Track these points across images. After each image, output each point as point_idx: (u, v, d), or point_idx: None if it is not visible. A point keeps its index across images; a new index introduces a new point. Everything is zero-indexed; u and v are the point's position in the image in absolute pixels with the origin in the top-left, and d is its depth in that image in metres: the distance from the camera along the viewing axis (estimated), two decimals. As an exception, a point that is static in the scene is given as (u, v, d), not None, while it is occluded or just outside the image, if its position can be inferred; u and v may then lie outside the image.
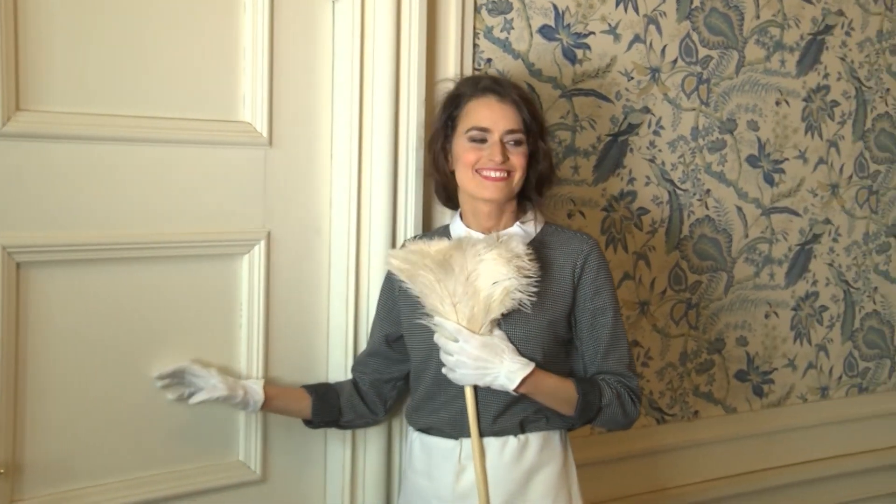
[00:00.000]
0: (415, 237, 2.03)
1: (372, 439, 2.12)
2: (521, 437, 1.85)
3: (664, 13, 2.50)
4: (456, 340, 1.76)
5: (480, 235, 1.88)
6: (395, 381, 2.04)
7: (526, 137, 1.87)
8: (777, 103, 2.75)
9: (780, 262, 2.80)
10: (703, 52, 2.59)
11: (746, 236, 2.73)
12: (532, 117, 1.88)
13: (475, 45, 2.23)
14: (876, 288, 3.01)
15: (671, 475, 2.63)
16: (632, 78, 2.47)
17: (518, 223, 1.92)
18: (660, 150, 2.54)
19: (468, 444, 1.84)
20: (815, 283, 2.87)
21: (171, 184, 1.91)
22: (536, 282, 1.79)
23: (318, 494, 2.15)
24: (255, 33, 1.97)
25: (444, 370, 1.81)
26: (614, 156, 2.46)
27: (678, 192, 2.58)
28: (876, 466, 3.01)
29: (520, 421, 1.85)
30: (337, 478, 2.13)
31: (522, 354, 1.79)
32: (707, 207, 2.64)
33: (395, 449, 2.14)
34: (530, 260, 1.79)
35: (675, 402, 2.64)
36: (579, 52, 2.39)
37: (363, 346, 2.09)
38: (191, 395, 1.87)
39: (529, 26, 2.31)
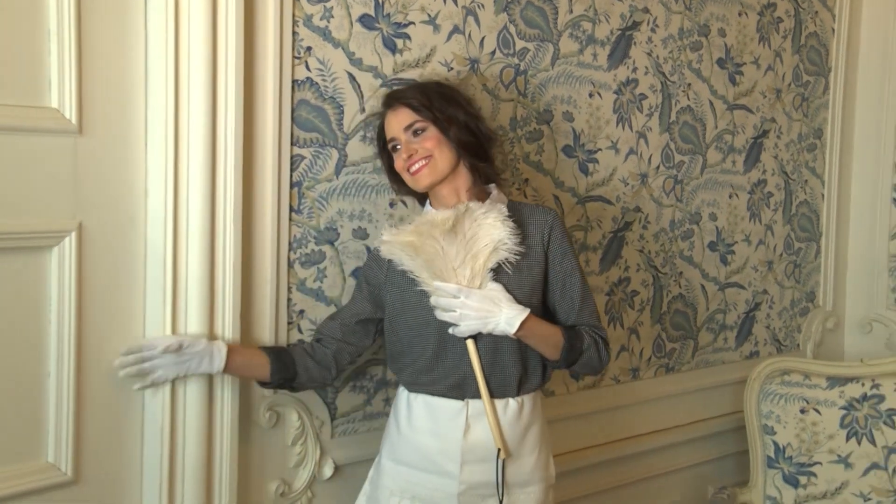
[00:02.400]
0: (392, 228, 2.15)
1: (191, 434, 2.07)
2: (518, 398, 2.12)
3: (482, 5, 2.55)
4: (457, 298, 1.98)
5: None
6: (355, 352, 2.22)
7: (429, 121, 2.10)
8: (590, 95, 2.85)
9: (595, 249, 2.91)
10: (520, 44, 2.66)
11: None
12: (425, 105, 2.10)
13: (294, 33, 2.21)
14: (681, 273, 3.18)
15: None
16: (451, 68, 2.51)
17: (487, 201, 2.13)
18: (479, 140, 2.58)
19: (473, 405, 2.09)
20: (626, 268, 3.00)
21: (-32, 172, 1.80)
22: (520, 242, 2.06)
23: (134, 494, 2.08)
24: (61, 15, 1.88)
25: (450, 330, 2.03)
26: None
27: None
28: (681, 441, 3.20)
29: (517, 383, 2.11)
30: (154, 475, 2.07)
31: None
32: (526, 196, 2.71)
33: (215, 444, 2.10)
34: (514, 222, 2.06)
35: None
36: (399, 42, 2.40)
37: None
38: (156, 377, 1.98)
39: (349, 15, 2.30)
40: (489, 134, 2.20)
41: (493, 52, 2.60)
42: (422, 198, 2.27)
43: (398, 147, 2.14)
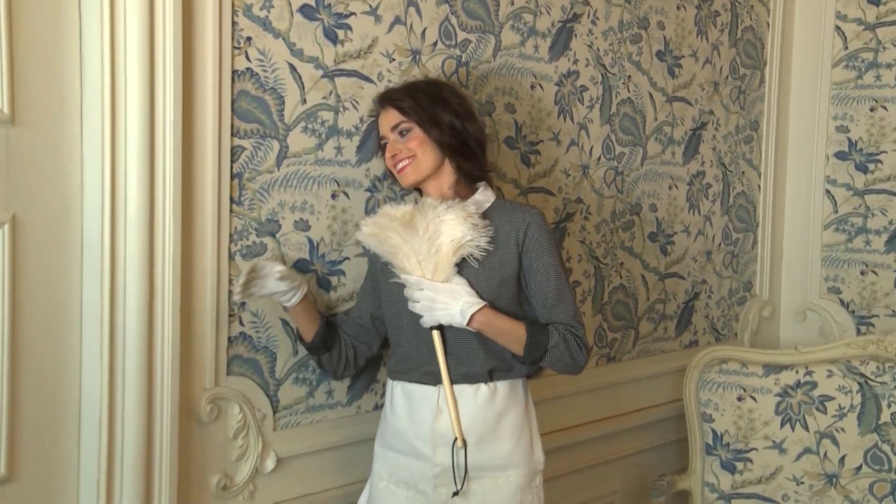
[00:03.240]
0: (366, 218, 2.27)
1: (129, 429, 2.04)
2: (491, 384, 2.17)
3: (424, -4, 2.56)
4: (421, 290, 2.07)
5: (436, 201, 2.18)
6: (367, 351, 2.36)
7: (413, 122, 2.20)
8: (532, 87, 2.87)
9: (537, 239, 2.93)
10: (461, 35, 2.66)
11: (505, 215, 2.83)
12: (411, 107, 2.20)
13: (234, 23, 2.19)
14: (622, 263, 3.22)
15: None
16: (393, 59, 2.50)
17: (471, 199, 2.23)
18: (422, 132, 2.59)
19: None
20: (568, 259, 3.03)
21: None
22: (489, 241, 2.12)
23: (71, 490, 2.05)
24: (-9, 2, 1.84)
25: (420, 321, 2.12)
26: (377, 137, 2.48)
27: (440, 172, 2.64)
28: (622, 429, 3.24)
29: (489, 370, 2.16)
30: (92, 471, 2.04)
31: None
32: (468, 187, 2.71)
33: (155, 438, 2.07)
34: (480, 218, 2.14)
35: (440, 377, 2.71)
36: (341, 33, 2.39)
37: (120, 330, 2.01)
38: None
39: (290, 5, 2.28)
40: (477, 134, 2.27)
41: (435, 44, 2.60)
42: (421, 192, 2.33)
43: (387, 143, 2.25)
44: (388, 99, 2.26)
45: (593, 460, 3.16)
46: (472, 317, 2.08)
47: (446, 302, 2.08)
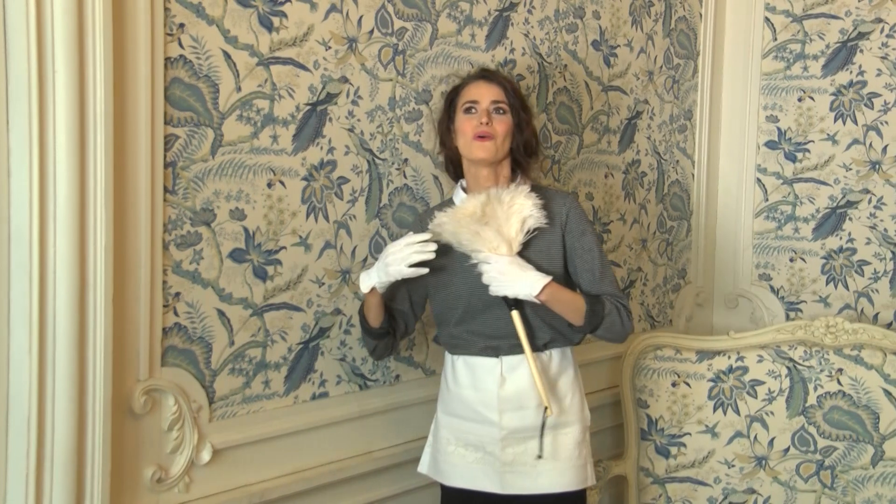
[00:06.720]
0: (428, 209, 2.57)
1: (60, 422, 2.00)
2: (546, 353, 2.42)
3: (360, -16, 2.54)
4: (495, 265, 2.27)
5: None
6: (405, 332, 2.57)
7: (510, 110, 2.41)
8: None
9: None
10: (398, 23, 2.65)
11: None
12: (515, 96, 2.44)
13: (167, 9, 2.15)
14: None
15: (374, 438, 2.71)
16: (329, 47, 2.48)
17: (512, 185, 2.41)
18: (358, 120, 2.58)
19: (507, 361, 2.38)
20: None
21: None
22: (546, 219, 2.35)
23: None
24: None
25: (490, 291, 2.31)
26: (313, 125, 2.47)
27: (377, 161, 2.64)
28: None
29: (545, 343, 2.40)
30: (20, 465, 1.99)
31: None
32: (405, 177, 2.71)
33: (87, 431, 2.03)
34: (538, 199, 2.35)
35: (377, 367, 2.71)
36: (276, 20, 2.36)
37: (50, 323, 1.96)
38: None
39: (224, -9, 2.25)
40: (538, 147, 2.54)
41: (372, 32, 2.59)
42: (454, 174, 2.56)
43: (474, 110, 2.41)
44: (497, 76, 2.48)
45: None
46: (542, 289, 2.26)
47: (516, 273, 2.27)
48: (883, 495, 3.07)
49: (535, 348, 2.37)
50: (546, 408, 2.33)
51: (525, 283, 2.28)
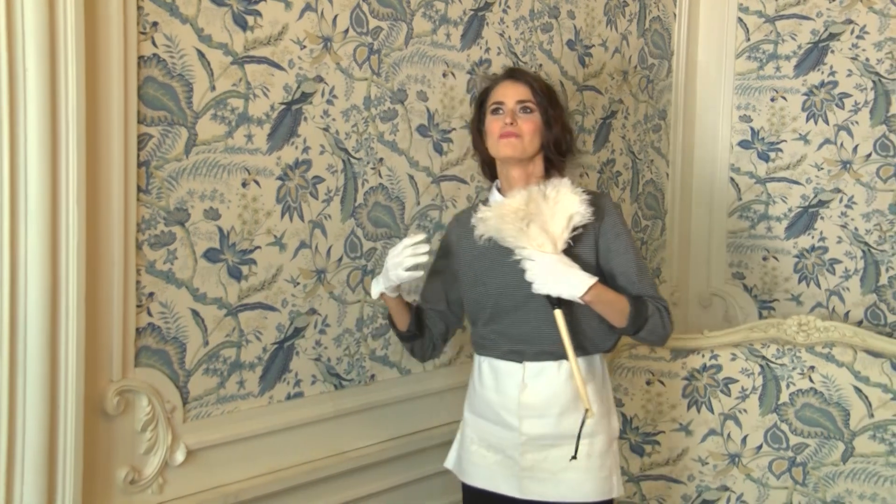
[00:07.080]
0: (467, 208, 2.54)
1: (31, 422, 1.98)
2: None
3: (335, -17, 2.53)
4: (539, 262, 2.20)
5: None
6: (447, 331, 2.56)
7: (538, 108, 2.35)
8: (444, 75, 2.87)
9: (449, 227, 2.94)
10: (373, 22, 2.65)
11: (418, 203, 2.84)
12: (543, 94, 2.37)
13: (140, 8, 2.14)
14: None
15: (349, 438, 2.71)
16: (304, 46, 2.48)
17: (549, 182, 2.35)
18: (333, 119, 2.57)
19: (530, 367, 2.34)
20: (480, 246, 3.04)
21: None
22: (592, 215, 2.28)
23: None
24: None
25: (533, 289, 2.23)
26: (288, 124, 2.46)
27: (352, 160, 2.63)
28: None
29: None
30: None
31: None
32: (381, 176, 2.71)
33: (58, 432, 2.02)
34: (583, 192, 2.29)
35: (352, 367, 2.70)
36: (250, 19, 2.35)
37: (21, 322, 1.94)
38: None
39: (197, -11, 2.24)
40: (573, 144, 2.46)
41: (347, 31, 2.58)
42: (490, 174, 2.50)
43: (501, 111, 2.36)
44: (523, 75, 2.42)
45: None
46: (587, 289, 2.19)
47: (562, 271, 2.20)
48: (853, 491, 3.10)
49: (562, 355, 2.28)
50: (587, 409, 2.24)
51: (570, 282, 2.20)
